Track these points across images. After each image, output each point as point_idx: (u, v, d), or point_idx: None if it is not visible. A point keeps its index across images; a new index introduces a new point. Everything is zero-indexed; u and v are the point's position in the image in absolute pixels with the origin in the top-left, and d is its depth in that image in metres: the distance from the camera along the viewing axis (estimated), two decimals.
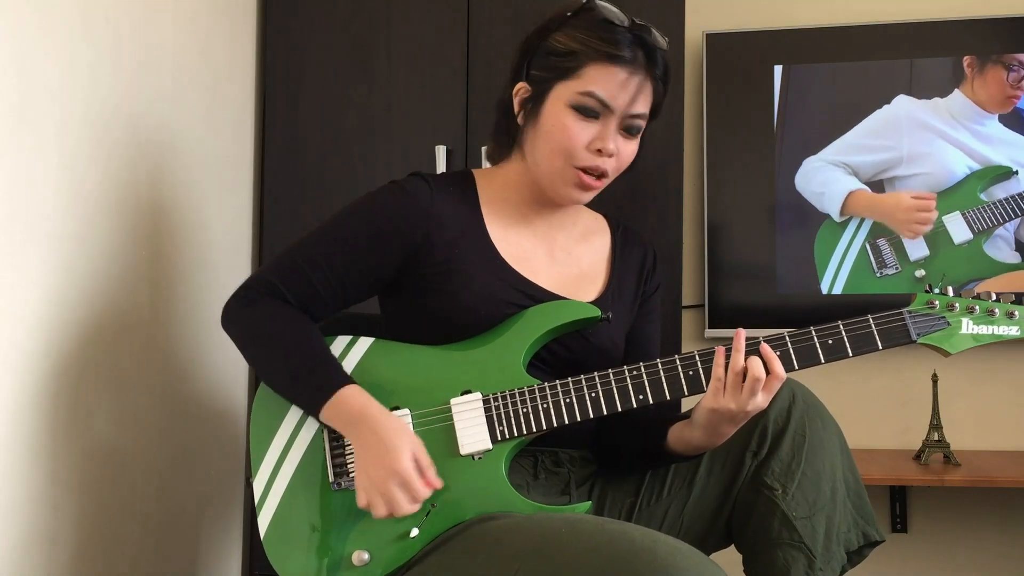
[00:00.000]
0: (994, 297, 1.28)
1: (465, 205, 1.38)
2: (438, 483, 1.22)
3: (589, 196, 1.37)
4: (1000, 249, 2.30)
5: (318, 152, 2.13)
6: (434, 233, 1.33)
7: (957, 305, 1.27)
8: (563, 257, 1.42)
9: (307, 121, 2.14)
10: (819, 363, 1.26)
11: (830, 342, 1.26)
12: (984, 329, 1.27)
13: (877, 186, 2.36)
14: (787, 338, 1.26)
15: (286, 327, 1.32)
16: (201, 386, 1.93)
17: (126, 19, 1.64)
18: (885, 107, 2.36)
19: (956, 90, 2.33)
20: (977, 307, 1.27)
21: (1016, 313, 1.27)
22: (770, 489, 1.28)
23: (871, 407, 2.39)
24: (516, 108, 1.37)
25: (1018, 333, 1.27)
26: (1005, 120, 2.31)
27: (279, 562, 1.26)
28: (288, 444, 1.30)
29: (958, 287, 1.31)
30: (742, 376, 1.22)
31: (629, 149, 1.36)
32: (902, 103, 2.35)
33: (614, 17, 1.31)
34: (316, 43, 2.14)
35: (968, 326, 1.27)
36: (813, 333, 1.26)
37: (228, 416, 2.05)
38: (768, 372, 1.22)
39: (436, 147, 2.07)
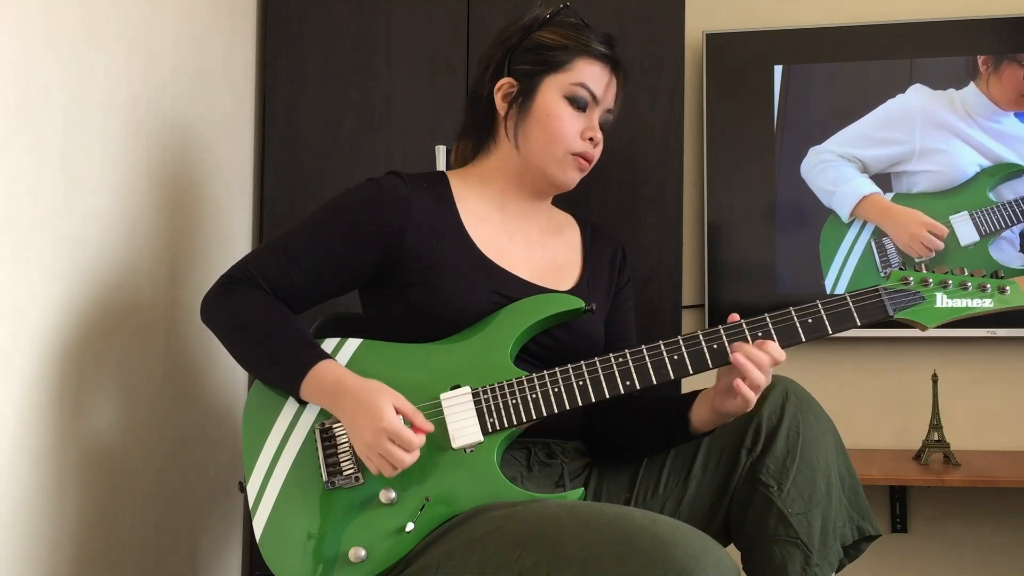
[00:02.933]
0: (967, 272, 1.31)
1: (441, 202, 1.42)
2: (429, 426, 1.24)
3: (579, 179, 1.47)
4: (1004, 251, 2.29)
5: (318, 152, 2.14)
6: (411, 228, 1.36)
7: (931, 280, 1.30)
8: (538, 250, 1.47)
9: (307, 121, 2.14)
10: (800, 342, 1.28)
11: (810, 321, 1.29)
12: (958, 302, 1.29)
13: (885, 180, 2.35)
14: (768, 319, 1.29)
15: (261, 311, 1.34)
16: (201, 385, 1.93)
17: (126, 19, 1.64)
18: (899, 96, 2.34)
19: (971, 83, 2.32)
20: (950, 281, 1.30)
21: (988, 286, 1.29)
22: (765, 486, 1.29)
23: (871, 407, 2.39)
24: (500, 102, 1.44)
25: (991, 305, 1.29)
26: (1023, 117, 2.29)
27: (276, 564, 1.26)
28: (280, 448, 1.31)
29: (933, 267, 1.34)
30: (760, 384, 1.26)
31: (602, 143, 1.47)
32: (917, 92, 2.33)
33: (588, 22, 1.45)
34: (316, 43, 2.15)
35: (942, 300, 1.29)
36: (793, 313, 1.29)
37: (228, 416, 2.05)
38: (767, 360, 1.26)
39: (436, 147, 2.07)
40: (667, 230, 2.04)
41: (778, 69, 2.40)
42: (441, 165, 2.07)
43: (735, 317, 1.29)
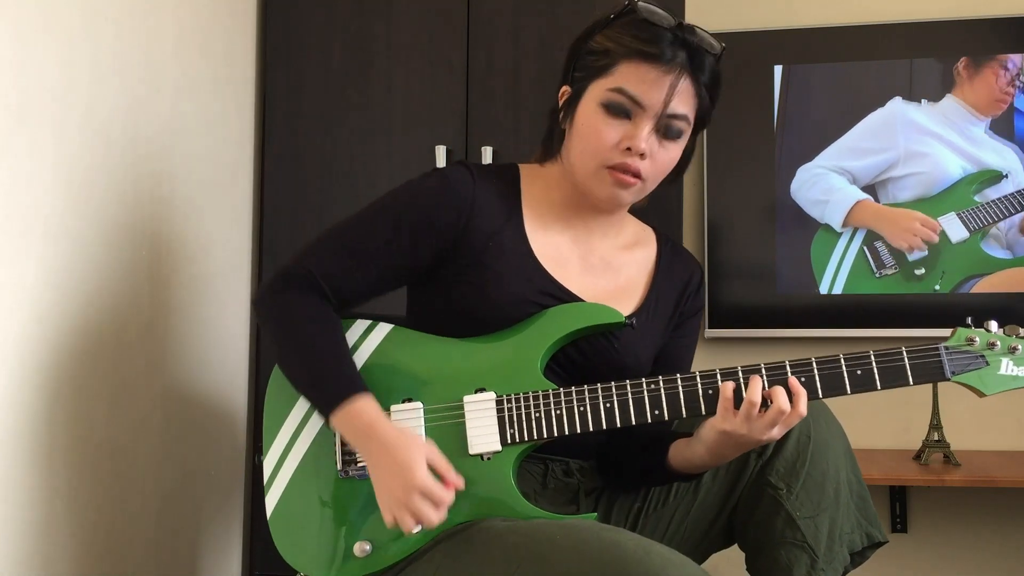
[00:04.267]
0: None
1: (506, 200, 1.35)
2: (460, 483, 1.19)
3: (629, 195, 1.33)
4: (994, 247, 2.31)
5: (318, 153, 2.13)
6: (473, 222, 1.31)
7: (998, 344, 1.20)
8: (601, 266, 1.39)
9: (307, 121, 2.14)
10: (845, 393, 1.21)
11: (859, 372, 1.21)
12: None
13: (871, 191, 2.36)
14: (814, 364, 1.22)
15: (310, 326, 1.29)
16: (201, 386, 1.93)
17: (127, 19, 1.64)
18: (879, 110, 2.37)
19: (948, 95, 2.34)
20: (1020, 347, 1.20)
21: None
22: (774, 488, 1.27)
23: (871, 407, 2.39)
24: (560, 111, 1.36)
25: None
26: (993, 127, 2.32)
27: (283, 545, 1.26)
28: (300, 427, 1.30)
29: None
30: (759, 406, 1.19)
31: (668, 154, 1.31)
32: (896, 106, 2.36)
33: (656, 18, 1.28)
34: (316, 43, 2.14)
35: (1008, 367, 1.20)
36: (843, 361, 1.22)
37: (229, 414, 2.05)
38: (791, 406, 1.19)
39: (436, 147, 2.07)
40: (667, 230, 2.02)
41: (778, 69, 2.40)
42: (441, 165, 2.06)
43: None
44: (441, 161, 2.06)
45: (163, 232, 1.77)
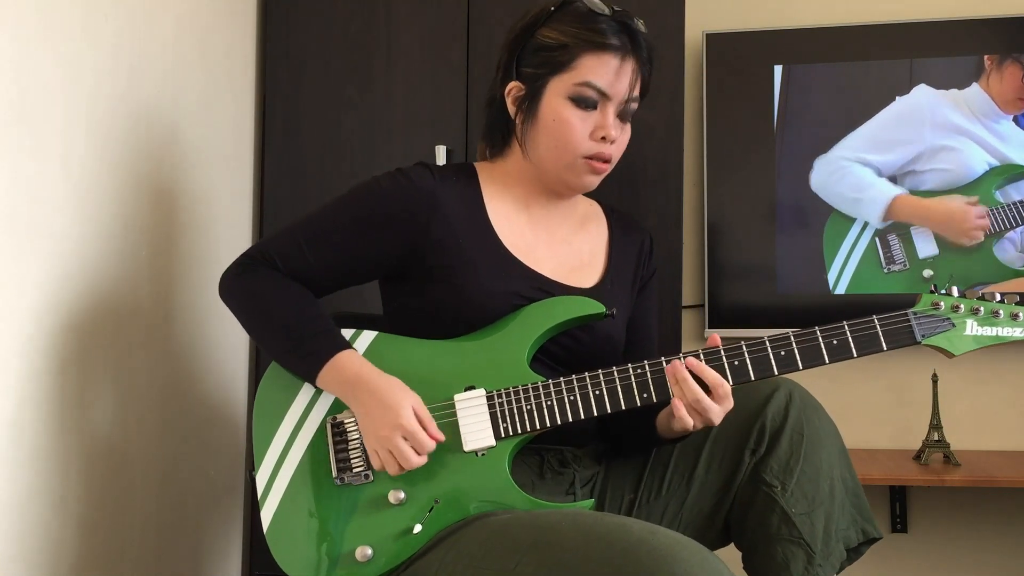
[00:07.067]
0: (999, 298, 1.28)
1: (468, 196, 1.39)
2: (440, 435, 1.24)
3: (598, 181, 1.40)
4: (1008, 252, 2.29)
5: (318, 152, 2.14)
6: (436, 221, 1.34)
7: (962, 306, 1.27)
8: (563, 247, 1.44)
9: (307, 121, 2.14)
10: (823, 363, 1.26)
11: (835, 342, 1.26)
12: (988, 331, 1.27)
13: (895, 182, 2.34)
14: (792, 338, 1.26)
15: (282, 295, 1.33)
16: (202, 385, 1.93)
17: (127, 18, 1.64)
18: (905, 97, 2.34)
19: (975, 83, 2.32)
20: (982, 308, 1.27)
21: (1020, 315, 1.26)
22: (769, 486, 1.28)
23: (871, 407, 2.39)
24: (511, 107, 1.39)
25: (1022, 335, 1.26)
26: (1021, 122, 2.30)
27: (282, 557, 1.26)
28: (291, 439, 1.31)
29: (964, 290, 1.30)
30: (695, 405, 1.24)
31: (625, 135, 1.40)
32: (922, 92, 2.34)
33: (596, 7, 1.34)
34: (316, 43, 2.15)
35: (972, 327, 1.27)
36: (818, 333, 1.26)
37: (229, 414, 2.05)
38: (710, 389, 1.23)
39: (436, 147, 2.07)
40: (667, 230, 2.04)
41: (778, 69, 2.40)
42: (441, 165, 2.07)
43: (716, 340, 1.27)
44: (441, 161, 2.06)
45: (163, 233, 1.77)
